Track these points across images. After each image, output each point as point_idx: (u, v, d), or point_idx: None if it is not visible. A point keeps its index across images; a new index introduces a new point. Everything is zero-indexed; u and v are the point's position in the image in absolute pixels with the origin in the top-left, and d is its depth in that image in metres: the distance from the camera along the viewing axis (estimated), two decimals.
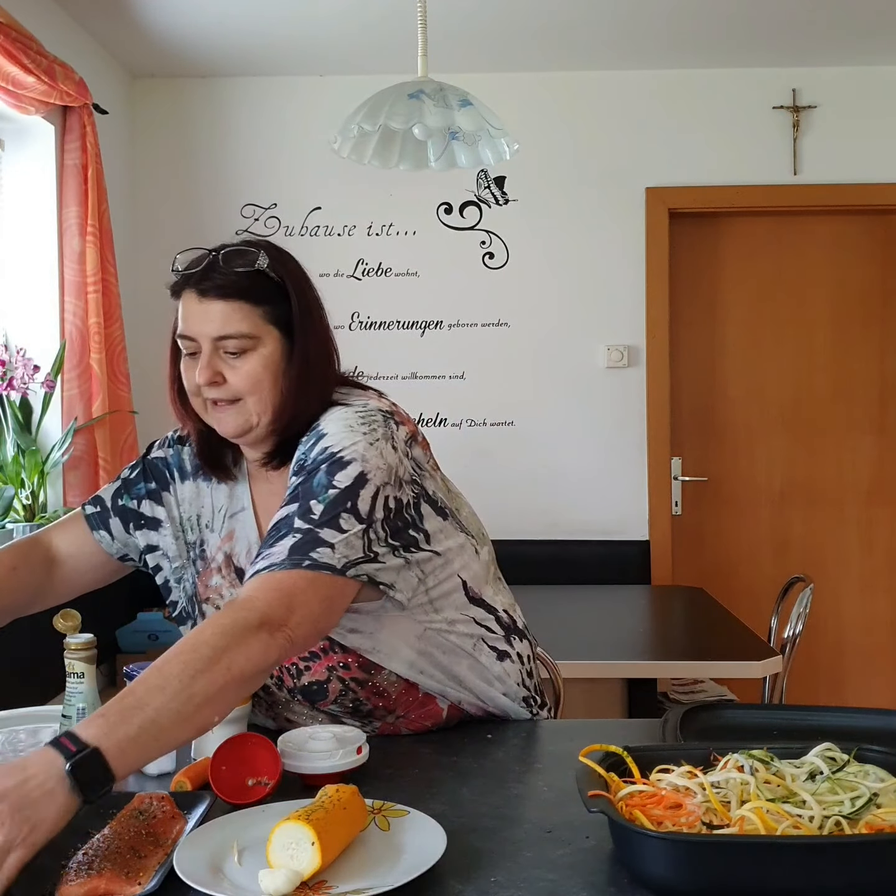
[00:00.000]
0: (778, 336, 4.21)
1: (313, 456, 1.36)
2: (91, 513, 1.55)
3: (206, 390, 1.40)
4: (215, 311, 1.38)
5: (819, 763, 1.12)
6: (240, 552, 1.48)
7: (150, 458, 1.57)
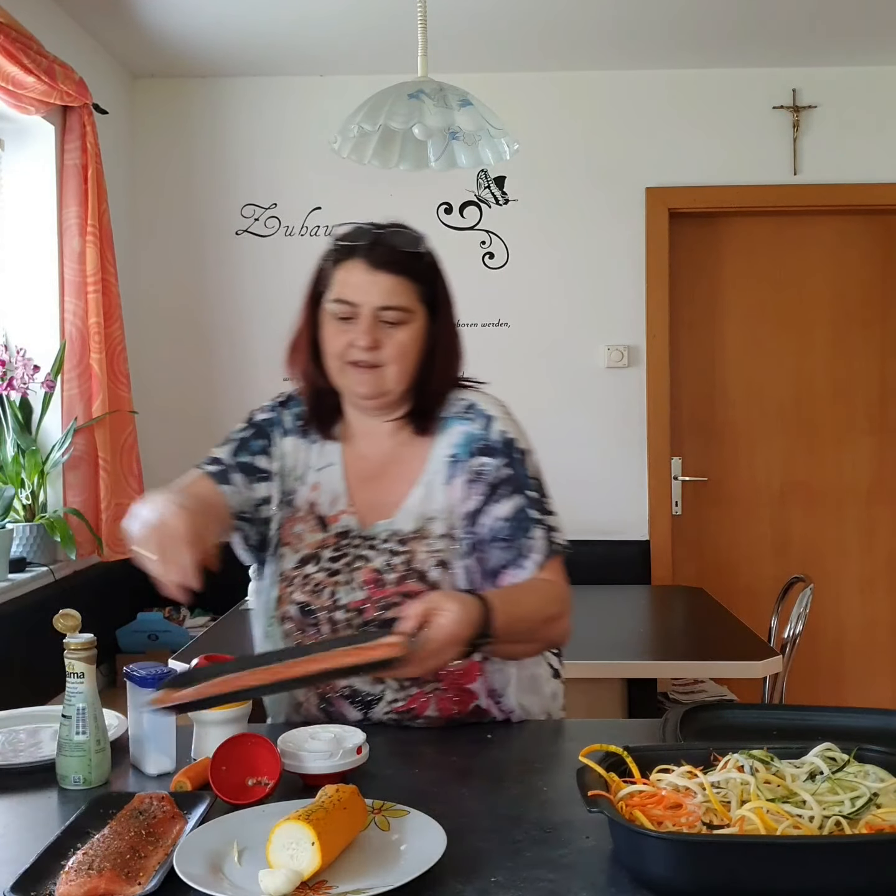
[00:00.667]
0: (778, 336, 4.21)
1: (494, 439, 1.58)
2: (212, 470, 1.61)
3: (355, 352, 1.53)
4: (383, 283, 1.52)
5: (819, 763, 1.12)
6: (324, 502, 1.60)
7: (258, 420, 1.66)
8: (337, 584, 1.54)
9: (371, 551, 1.55)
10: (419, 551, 1.53)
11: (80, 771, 1.30)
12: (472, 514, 1.55)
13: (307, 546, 1.57)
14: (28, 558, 3.13)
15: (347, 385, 1.57)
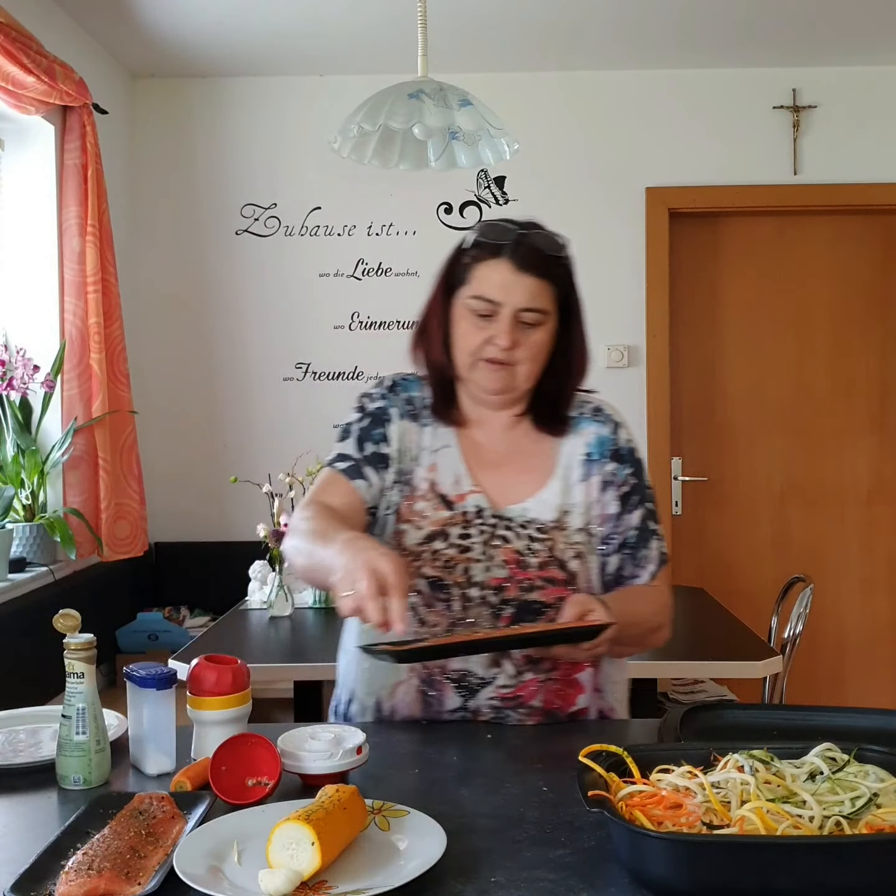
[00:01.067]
0: (778, 336, 4.21)
1: (622, 446, 1.65)
2: (344, 467, 1.63)
3: (491, 350, 1.55)
4: (527, 285, 1.54)
5: (819, 763, 1.11)
6: (444, 481, 1.62)
7: (372, 409, 1.68)
8: (470, 560, 1.56)
9: (509, 532, 1.58)
10: (559, 541, 1.58)
11: (79, 771, 1.30)
12: (611, 518, 1.62)
13: (432, 523, 1.59)
14: (28, 558, 3.13)
15: (477, 380, 1.60)
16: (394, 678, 1.57)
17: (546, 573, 1.56)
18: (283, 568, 3.14)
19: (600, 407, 1.69)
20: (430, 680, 1.54)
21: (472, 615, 1.54)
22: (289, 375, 4.13)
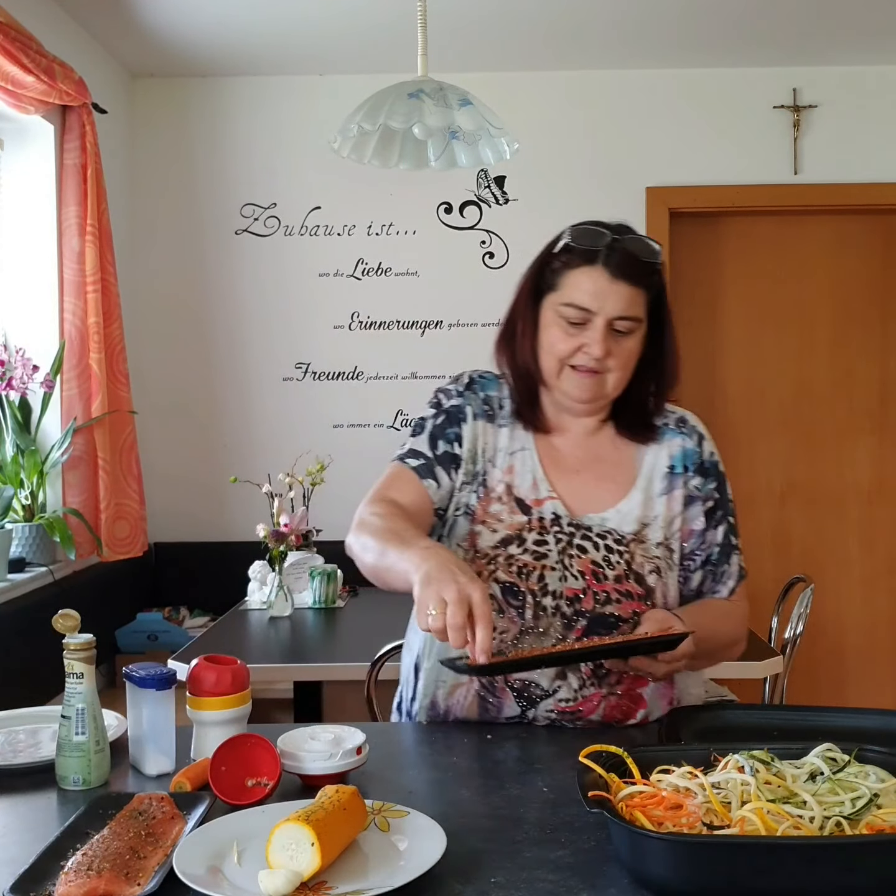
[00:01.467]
0: (778, 336, 4.21)
1: (706, 459, 1.64)
2: (415, 465, 1.60)
3: (583, 357, 1.52)
4: (623, 294, 1.50)
5: (819, 764, 1.11)
6: (521, 484, 1.59)
7: (448, 407, 1.66)
8: (545, 567, 1.53)
9: (587, 542, 1.55)
10: (637, 554, 1.55)
11: (79, 771, 1.30)
12: (696, 534, 1.60)
13: (507, 527, 1.56)
14: (27, 558, 3.13)
15: (566, 388, 1.57)
16: (453, 680, 1.55)
17: (623, 586, 1.53)
18: (282, 568, 3.14)
19: (685, 417, 1.67)
20: (492, 687, 1.52)
21: (543, 625, 1.51)
22: (289, 375, 4.13)
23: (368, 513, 1.52)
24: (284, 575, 3.14)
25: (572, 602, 1.51)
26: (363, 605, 3.34)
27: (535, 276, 1.61)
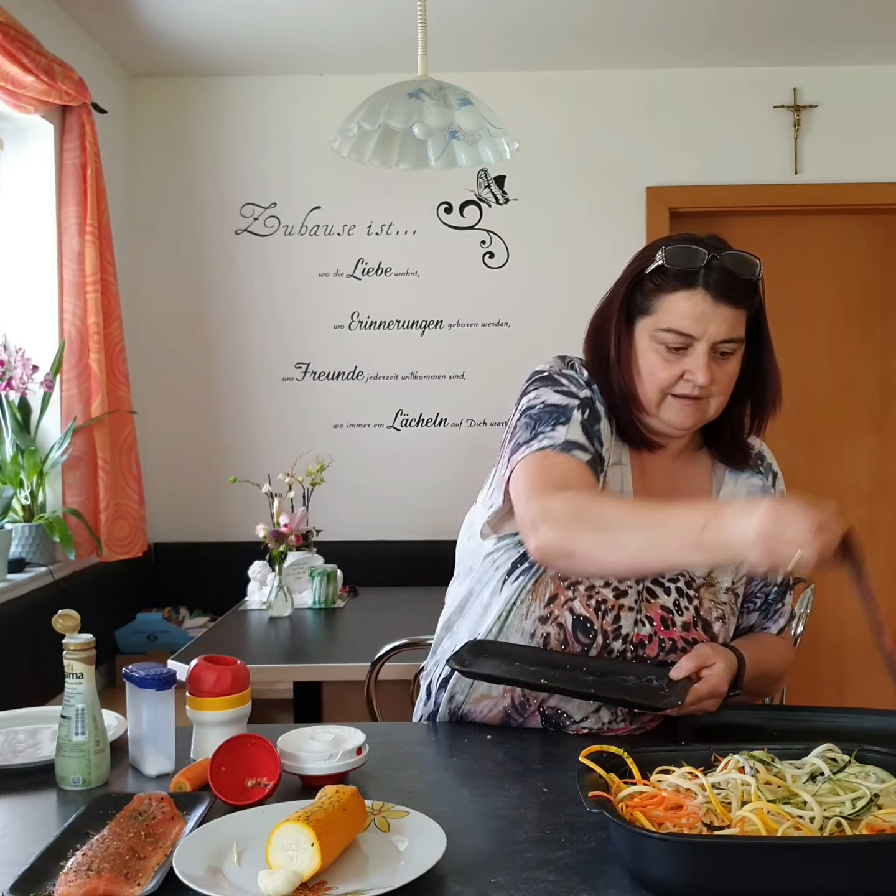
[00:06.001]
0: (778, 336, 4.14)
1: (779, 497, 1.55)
2: (588, 458, 1.42)
3: (686, 386, 1.42)
4: (726, 316, 1.41)
5: (820, 764, 1.11)
6: None
7: (584, 399, 1.48)
8: (622, 608, 1.45)
9: (658, 587, 1.47)
10: (706, 599, 1.49)
11: (79, 772, 1.30)
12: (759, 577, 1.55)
13: None
14: (27, 559, 3.12)
15: (666, 416, 1.46)
16: (486, 690, 1.51)
17: (690, 634, 1.47)
18: (282, 568, 3.14)
19: (763, 454, 1.59)
20: (522, 709, 1.50)
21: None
22: (288, 375, 4.13)
23: (563, 504, 1.31)
24: (284, 575, 3.14)
25: (636, 648, 1.45)
26: (363, 605, 3.34)
27: (626, 299, 1.48)
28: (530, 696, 1.49)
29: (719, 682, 1.39)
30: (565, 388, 1.49)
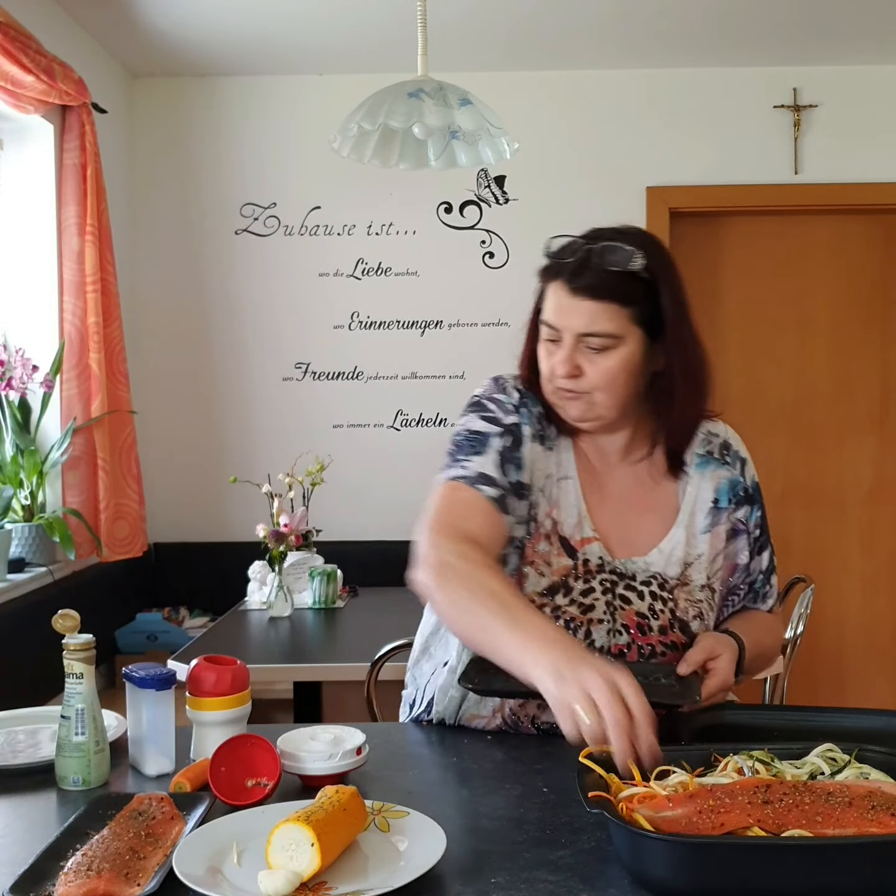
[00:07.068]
0: (778, 335, 4.20)
1: (749, 484, 1.56)
2: (494, 496, 1.42)
3: (560, 380, 1.43)
4: (585, 309, 1.39)
5: (820, 763, 1.11)
6: (565, 521, 1.47)
7: (509, 426, 1.48)
8: (591, 622, 1.44)
9: (631, 592, 1.46)
10: (681, 599, 1.47)
11: (79, 772, 1.30)
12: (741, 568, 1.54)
13: (554, 572, 1.44)
14: (27, 559, 3.12)
15: (558, 406, 1.47)
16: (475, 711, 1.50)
17: (668, 637, 1.45)
18: (281, 568, 3.14)
19: (728, 443, 1.56)
20: (516, 725, 1.48)
21: None
22: (288, 375, 4.13)
23: (450, 552, 1.33)
24: (284, 575, 3.14)
25: (616, 658, 1.43)
26: (363, 605, 3.34)
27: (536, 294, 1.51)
28: (520, 714, 1.48)
29: (727, 674, 1.39)
30: (491, 414, 1.49)
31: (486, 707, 1.49)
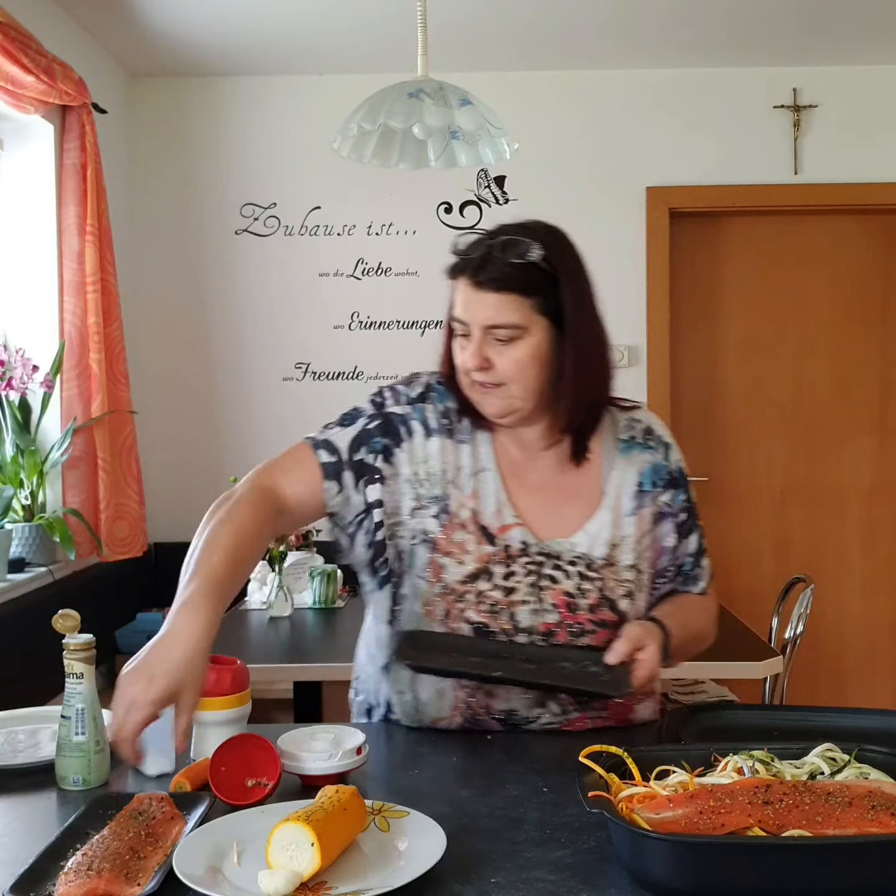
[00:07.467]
0: (778, 335, 4.20)
1: (673, 469, 1.57)
2: (327, 461, 1.51)
3: (473, 374, 1.47)
4: (488, 302, 1.43)
5: (820, 763, 1.11)
6: (485, 510, 1.51)
7: (390, 413, 1.56)
8: (513, 604, 1.46)
9: (558, 571, 1.48)
10: (609, 579, 1.49)
11: (79, 771, 1.30)
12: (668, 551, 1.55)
13: (475, 559, 1.48)
14: (27, 559, 3.12)
15: (476, 402, 1.50)
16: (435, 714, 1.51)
17: (597, 616, 1.47)
18: (282, 568, 3.14)
19: (651, 428, 1.58)
20: (475, 719, 1.49)
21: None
22: (289, 375, 4.13)
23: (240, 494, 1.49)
24: (284, 575, 3.14)
25: (547, 637, 1.46)
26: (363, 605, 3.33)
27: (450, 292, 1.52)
28: (476, 707, 1.48)
29: (655, 665, 1.39)
30: (380, 399, 1.58)
31: (445, 708, 1.49)
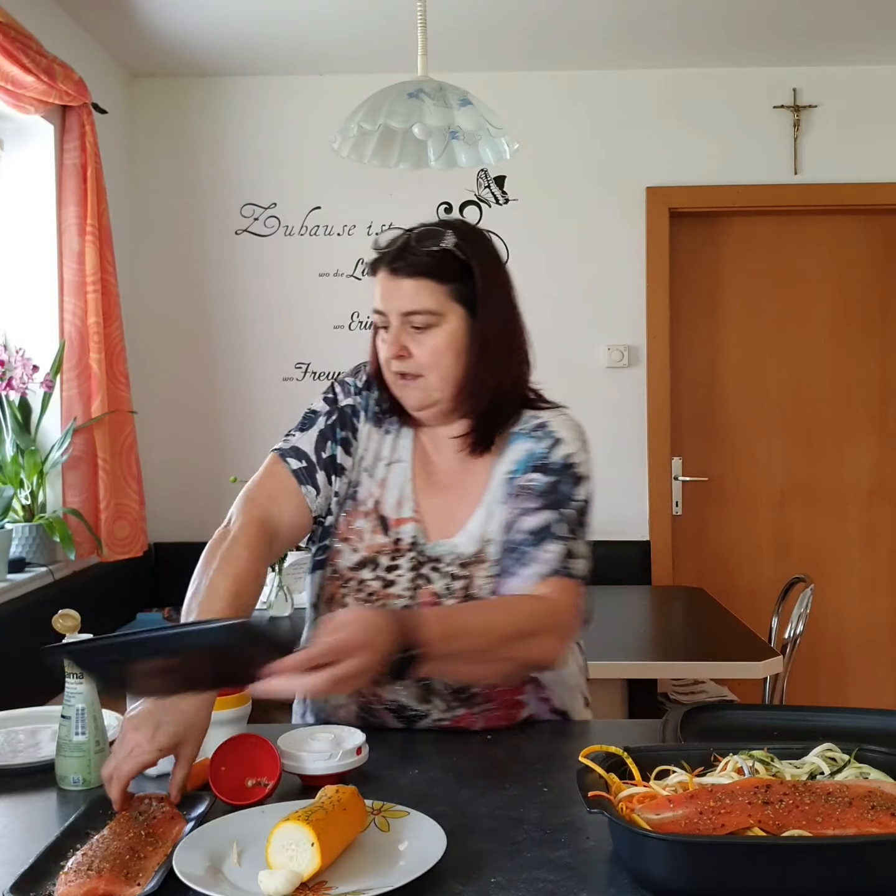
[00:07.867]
0: (778, 336, 4.20)
1: (554, 460, 1.49)
2: (298, 468, 1.55)
3: (392, 363, 1.48)
4: (404, 288, 1.46)
5: (820, 763, 1.12)
6: (387, 501, 1.53)
7: (343, 406, 1.58)
8: (389, 597, 1.47)
9: (434, 573, 1.48)
10: (477, 576, 1.47)
11: (79, 771, 1.30)
12: (509, 524, 1.47)
13: (367, 547, 1.50)
14: (27, 559, 3.12)
15: (399, 396, 1.52)
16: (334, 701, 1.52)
17: None
18: (282, 568, 3.14)
19: (546, 423, 1.54)
20: (369, 708, 1.50)
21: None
22: (289, 375, 4.13)
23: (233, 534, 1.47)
24: (284, 575, 3.14)
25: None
26: None
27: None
28: (369, 695, 1.49)
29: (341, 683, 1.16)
30: (332, 395, 1.60)
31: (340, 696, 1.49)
